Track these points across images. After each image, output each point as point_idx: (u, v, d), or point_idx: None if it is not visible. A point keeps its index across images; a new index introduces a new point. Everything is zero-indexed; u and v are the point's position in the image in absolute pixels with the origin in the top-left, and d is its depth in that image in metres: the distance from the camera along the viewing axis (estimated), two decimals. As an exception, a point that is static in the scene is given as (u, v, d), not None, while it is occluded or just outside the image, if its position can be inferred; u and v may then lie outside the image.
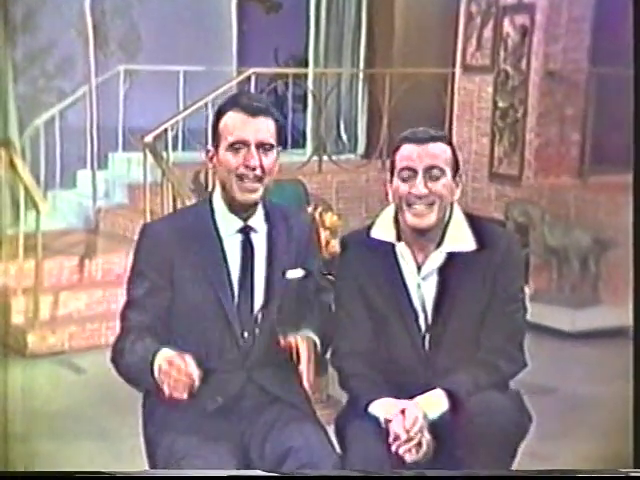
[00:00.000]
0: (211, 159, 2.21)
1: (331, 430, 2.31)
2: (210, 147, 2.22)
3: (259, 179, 2.15)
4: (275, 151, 2.18)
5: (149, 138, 5.33)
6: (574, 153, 5.59)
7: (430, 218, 2.20)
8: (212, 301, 2.17)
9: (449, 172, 2.22)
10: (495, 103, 5.75)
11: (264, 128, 2.15)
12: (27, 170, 5.06)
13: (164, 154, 5.60)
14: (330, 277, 2.44)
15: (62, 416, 3.94)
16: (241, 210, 2.20)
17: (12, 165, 4.94)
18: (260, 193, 2.17)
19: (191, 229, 2.20)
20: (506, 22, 5.62)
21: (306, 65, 7.06)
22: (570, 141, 5.58)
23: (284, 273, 2.21)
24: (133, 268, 2.23)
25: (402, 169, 2.21)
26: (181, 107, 6.25)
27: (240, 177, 2.14)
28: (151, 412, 2.23)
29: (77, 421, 3.90)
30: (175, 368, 1.95)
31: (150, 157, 5.35)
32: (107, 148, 6.57)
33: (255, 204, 2.21)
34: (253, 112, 2.14)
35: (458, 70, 6.00)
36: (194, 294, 2.17)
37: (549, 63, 5.49)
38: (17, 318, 4.78)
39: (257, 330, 2.19)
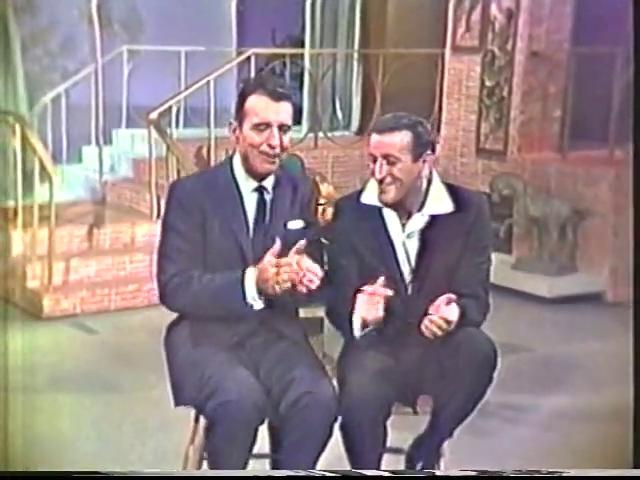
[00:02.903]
0: (234, 131, 2.52)
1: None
2: (233, 121, 2.52)
3: (278, 154, 2.48)
4: (291, 130, 2.50)
5: (154, 115, 5.59)
6: (555, 129, 5.80)
7: (389, 195, 2.54)
8: (234, 248, 2.49)
9: (407, 156, 2.52)
10: (482, 82, 5.94)
11: (285, 112, 2.47)
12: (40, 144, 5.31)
13: (167, 130, 5.88)
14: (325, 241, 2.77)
15: (77, 371, 4.24)
16: (257, 175, 2.53)
17: (24, 139, 5.19)
18: (277, 165, 2.51)
19: (218, 186, 2.52)
20: (493, 5, 5.80)
21: (303, 45, 7.25)
22: (552, 118, 5.80)
23: (285, 224, 2.54)
24: (169, 220, 2.51)
25: (369, 154, 2.56)
26: (182, 86, 6.45)
27: (261, 152, 2.47)
28: (176, 351, 2.56)
29: (90, 376, 4.19)
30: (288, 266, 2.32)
31: (155, 133, 5.63)
32: (111, 125, 6.79)
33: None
34: (277, 97, 2.45)
35: (448, 51, 6.17)
36: (220, 241, 2.49)
37: (533, 44, 5.68)
38: (33, 283, 5.05)
39: None
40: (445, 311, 2.40)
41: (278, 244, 2.40)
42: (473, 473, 2.51)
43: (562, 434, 3.63)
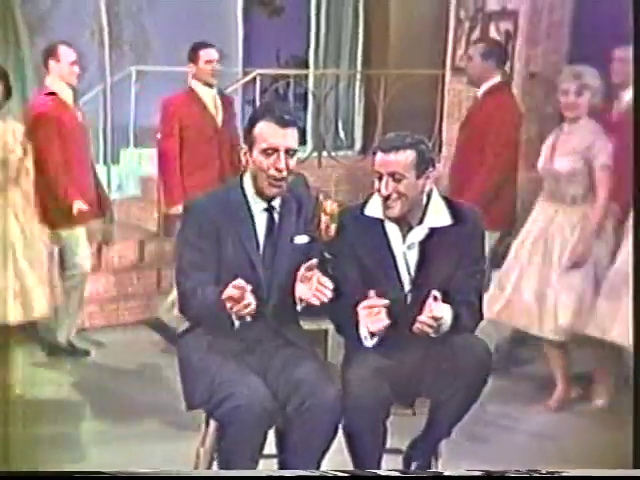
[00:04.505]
0: (244, 154, 2.69)
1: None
2: (244, 146, 2.69)
3: (284, 178, 2.65)
4: (297, 153, 2.68)
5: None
6: (552, 148, 5.94)
7: (395, 210, 2.71)
8: (246, 262, 2.67)
9: (412, 173, 2.69)
10: (482, 102, 6.09)
11: (291, 137, 2.64)
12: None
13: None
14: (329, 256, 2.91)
15: (85, 383, 4.39)
16: (266, 197, 2.70)
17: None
18: (284, 188, 2.68)
19: (230, 205, 2.69)
20: (492, 27, 5.90)
21: (306, 66, 7.39)
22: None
23: (292, 239, 2.71)
24: (185, 237, 2.68)
25: (375, 172, 2.73)
26: (189, 106, 6.63)
27: (270, 176, 2.64)
28: (188, 358, 2.69)
29: (98, 387, 4.34)
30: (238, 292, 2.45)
31: (162, 152, 5.73)
32: (119, 144, 6.90)
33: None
34: (284, 123, 2.63)
35: (448, 72, 6.24)
36: (233, 256, 2.66)
37: (530, 65, 5.77)
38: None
39: (275, 284, 2.67)
40: (433, 309, 2.54)
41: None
42: (477, 473, 2.63)
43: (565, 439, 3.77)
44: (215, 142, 4.74)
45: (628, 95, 4.20)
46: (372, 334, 2.63)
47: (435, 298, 2.56)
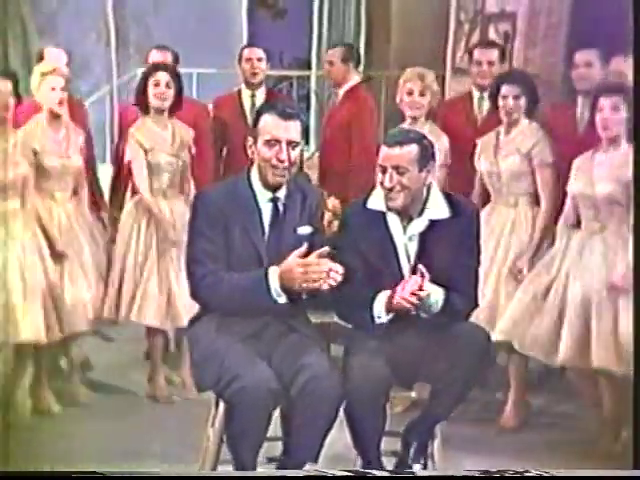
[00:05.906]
0: (250, 147, 2.82)
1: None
2: (250, 138, 2.82)
3: (287, 168, 2.77)
4: (300, 145, 2.81)
5: (169, 134, 5.82)
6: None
7: (398, 202, 2.83)
8: (252, 250, 2.79)
9: (414, 167, 2.82)
10: (481, 102, 6.21)
11: (293, 129, 2.77)
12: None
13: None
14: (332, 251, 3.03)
15: (95, 373, 4.57)
16: (270, 187, 2.82)
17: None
18: (287, 178, 2.81)
19: (238, 196, 2.82)
20: (491, 29, 6.02)
21: (309, 67, 7.56)
22: (547, 136, 6.05)
23: (295, 229, 2.84)
24: (196, 227, 2.80)
25: (379, 165, 2.85)
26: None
27: (273, 166, 2.77)
28: (198, 342, 2.81)
29: (107, 377, 4.53)
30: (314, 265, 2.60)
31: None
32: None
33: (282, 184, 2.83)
34: (287, 116, 2.76)
35: (448, 72, 6.34)
36: (240, 245, 2.78)
37: (528, 66, 5.83)
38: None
39: None
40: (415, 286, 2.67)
41: (305, 247, 2.69)
42: (476, 473, 2.73)
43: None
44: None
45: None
46: (388, 311, 2.75)
47: (422, 275, 2.68)
